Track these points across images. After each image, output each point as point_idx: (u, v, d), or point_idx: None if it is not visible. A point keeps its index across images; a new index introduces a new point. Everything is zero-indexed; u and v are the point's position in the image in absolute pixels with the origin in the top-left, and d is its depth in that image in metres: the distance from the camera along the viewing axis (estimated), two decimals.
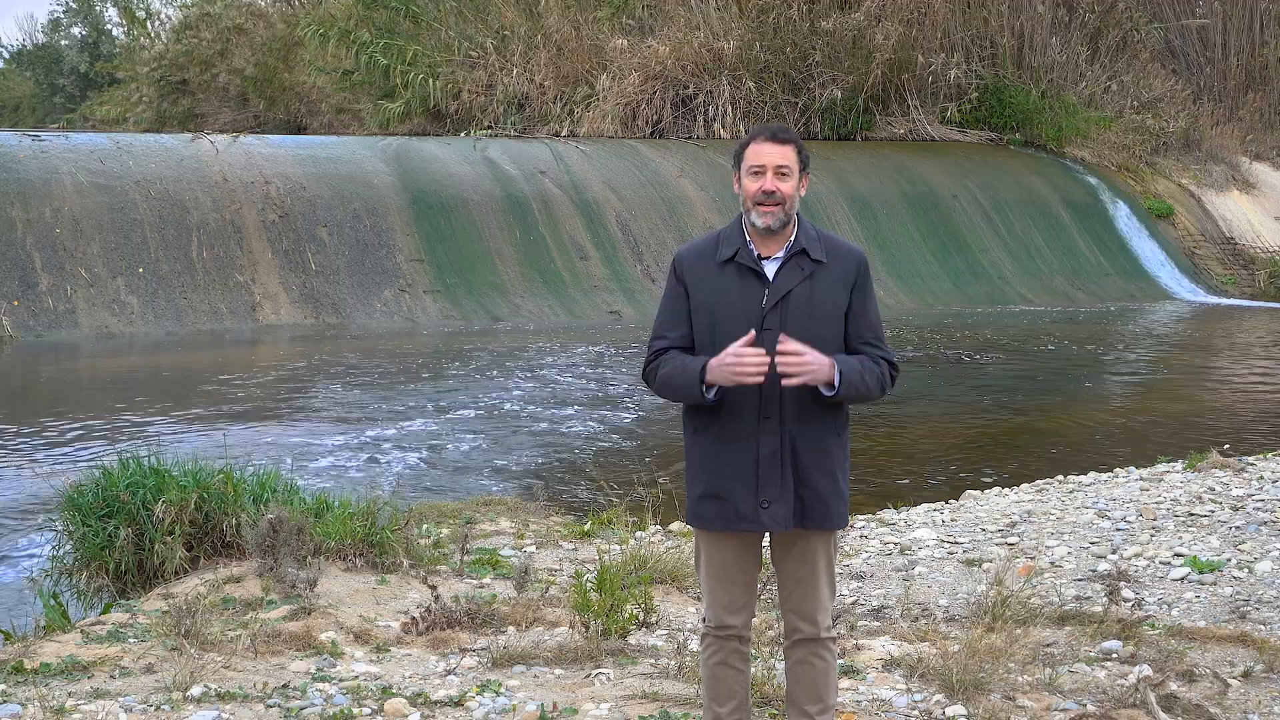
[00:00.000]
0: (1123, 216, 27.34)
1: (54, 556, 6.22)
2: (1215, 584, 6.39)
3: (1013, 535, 7.53)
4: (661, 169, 24.40)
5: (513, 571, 6.10)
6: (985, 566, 6.78)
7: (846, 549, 7.24)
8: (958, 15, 28.94)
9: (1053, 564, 6.87)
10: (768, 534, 3.81)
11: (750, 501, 3.68)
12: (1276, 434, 11.74)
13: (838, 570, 5.05)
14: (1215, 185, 29.21)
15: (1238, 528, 7.39)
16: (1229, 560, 6.74)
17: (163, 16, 47.78)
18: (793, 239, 3.75)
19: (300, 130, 37.10)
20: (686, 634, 5.32)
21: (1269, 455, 9.70)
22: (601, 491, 8.90)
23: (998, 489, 9.03)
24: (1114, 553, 7.03)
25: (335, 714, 4.42)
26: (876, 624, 5.72)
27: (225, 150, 21.20)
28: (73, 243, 18.54)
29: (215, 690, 4.56)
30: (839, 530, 3.87)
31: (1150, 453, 10.33)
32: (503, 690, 4.70)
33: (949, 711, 4.53)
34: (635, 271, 22.01)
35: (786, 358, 3.55)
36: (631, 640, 5.25)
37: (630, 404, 13.05)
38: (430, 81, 31.10)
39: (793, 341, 3.58)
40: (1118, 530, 7.52)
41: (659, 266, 21.66)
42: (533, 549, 7.10)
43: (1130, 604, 5.94)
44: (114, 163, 19.92)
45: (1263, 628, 5.67)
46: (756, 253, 3.74)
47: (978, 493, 8.90)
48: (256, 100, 40.82)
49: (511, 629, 5.43)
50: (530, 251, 21.57)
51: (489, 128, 29.64)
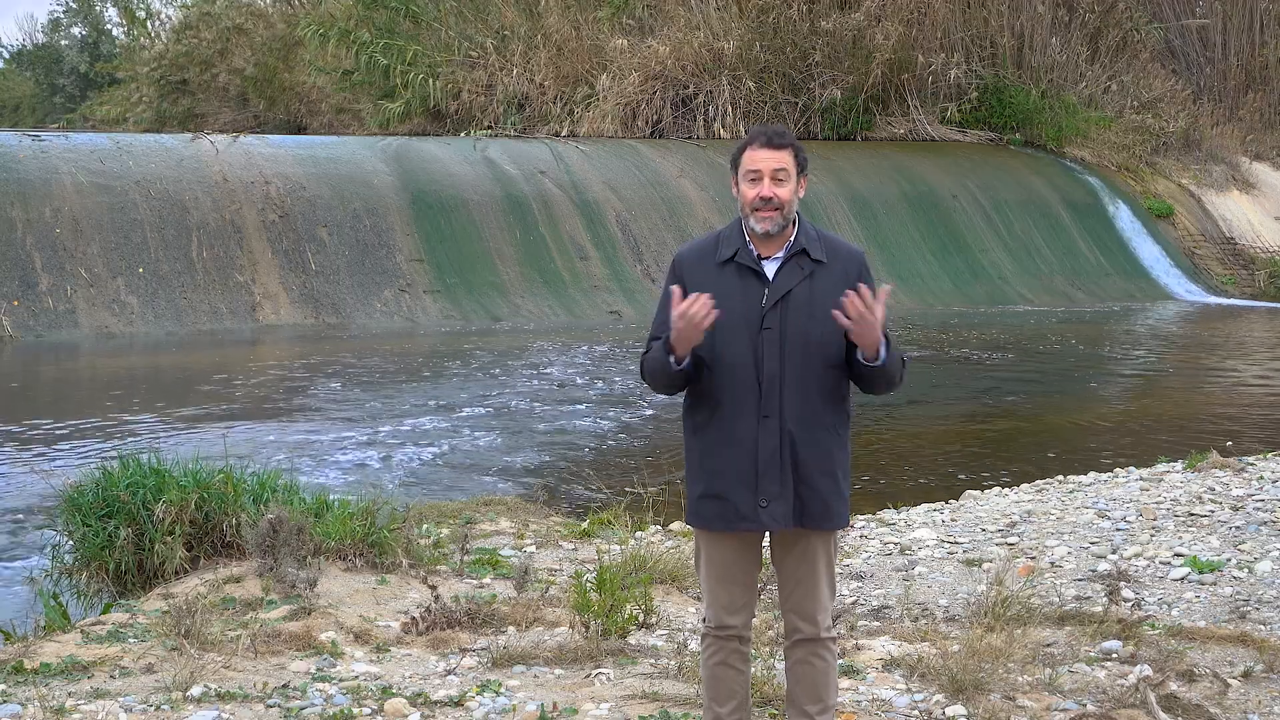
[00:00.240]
0: (1123, 216, 27.33)
1: (54, 556, 6.22)
2: (1215, 584, 6.39)
3: (1013, 535, 7.53)
4: (661, 169, 24.40)
5: (513, 571, 6.10)
6: (985, 566, 6.78)
7: (846, 549, 7.24)
8: (958, 15, 28.94)
9: (1053, 564, 6.87)
10: (768, 533, 3.82)
11: (750, 501, 3.68)
12: (1276, 434, 11.74)
13: (838, 570, 5.06)
14: (1215, 185, 29.20)
15: (1238, 528, 7.39)
16: (1229, 560, 6.74)
17: (163, 16, 47.82)
18: (792, 239, 3.75)
19: (300, 130, 37.08)
20: (686, 634, 5.32)
21: (1269, 455, 9.70)
22: (601, 491, 8.90)
23: (998, 489, 9.03)
24: (1114, 553, 7.03)
25: (335, 714, 4.42)
26: (876, 624, 5.72)
27: (225, 150, 21.19)
28: (73, 243, 18.54)
29: (215, 690, 4.56)
30: (839, 530, 3.88)
31: (1150, 453, 10.33)
32: (503, 690, 4.70)
33: (949, 711, 4.53)
34: (635, 271, 22.01)
35: (856, 303, 3.51)
36: (631, 640, 5.24)
37: (630, 404, 13.05)
38: (430, 81, 31.09)
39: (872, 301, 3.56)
40: (1118, 530, 7.52)
41: (659, 266, 21.65)
42: (533, 549, 7.10)
43: (1130, 604, 5.94)
44: (114, 163, 19.92)
45: (1263, 628, 5.67)
46: (756, 253, 3.74)
47: (978, 493, 8.90)
48: (256, 100, 40.81)
49: (511, 629, 5.43)
50: (530, 251, 21.57)
51: (489, 128, 29.63)
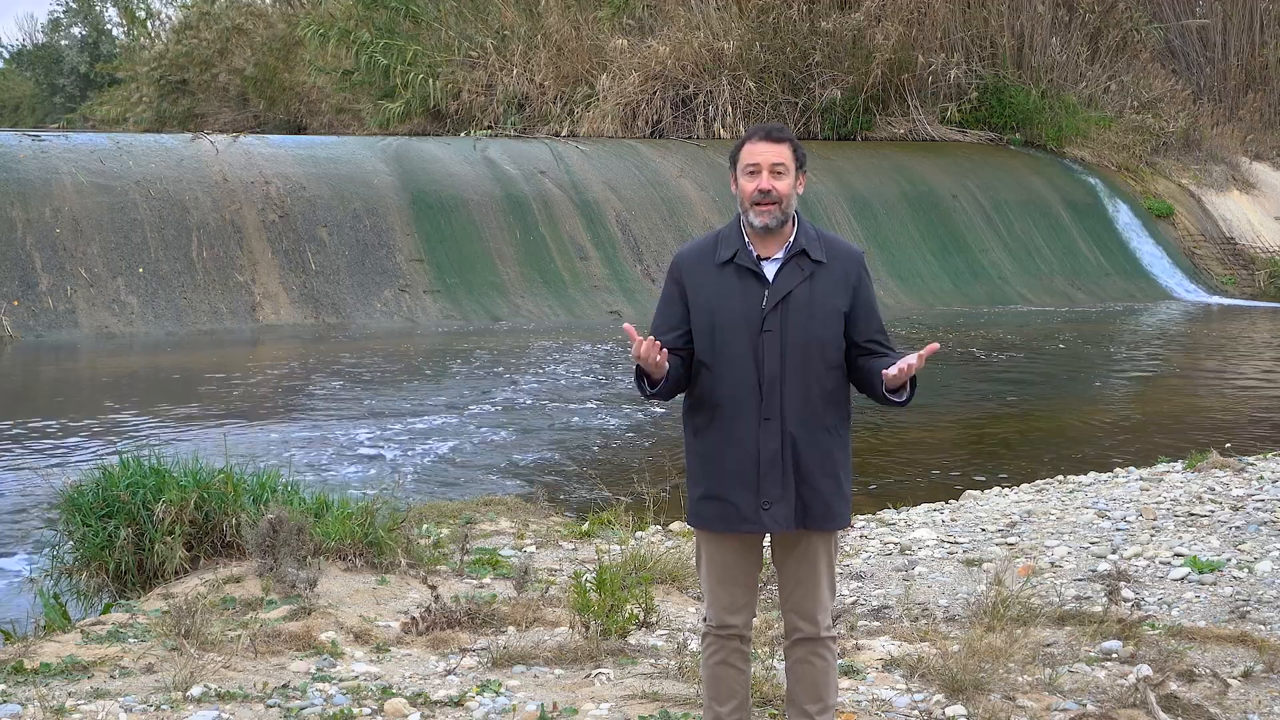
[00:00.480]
0: (1123, 216, 27.33)
1: (54, 556, 6.22)
2: (1215, 584, 6.39)
3: (1013, 535, 7.53)
4: (661, 169, 24.40)
5: (513, 571, 6.10)
6: (985, 566, 6.78)
7: (846, 549, 7.24)
8: (958, 15, 28.94)
9: (1053, 564, 6.87)
10: (768, 534, 3.82)
11: (751, 503, 3.68)
12: (1276, 434, 11.74)
13: (838, 570, 5.05)
14: (1215, 185, 29.21)
15: (1238, 528, 7.39)
16: (1229, 560, 6.74)
17: (163, 16, 47.83)
18: (792, 239, 3.75)
19: (300, 130, 37.09)
20: (686, 634, 5.32)
21: (1269, 455, 9.70)
22: (602, 491, 8.90)
23: (998, 489, 9.03)
24: (1114, 553, 7.03)
25: (335, 714, 4.42)
26: (876, 624, 5.72)
27: (225, 150, 21.20)
28: (73, 243, 18.54)
29: (215, 690, 4.56)
30: (840, 530, 3.88)
31: (1150, 453, 10.33)
32: (503, 690, 4.70)
33: (949, 711, 4.53)
34: (635, 271, 22.01)
35: (909, 362, 3.60)
36: (631, 640, 5.24)
37: (630, 404, 13.05)
38: (430, 81, 31.10)
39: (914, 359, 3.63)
40: (1118, 530, 7.52)
41: (659, 266, 21.65)
42: (533, 549, 7.10)
43: (1130, 604, 5.94)
44: (114, 163, 19.92)
45: (1263, 628, 5.67)
46: (756, 254, 3.74)
47: (978, 493, 8.90)
48: (256, 100, 40.81)
49: (511, 629, 5.42)
50: (530, 251, 21.57)
51: (489, 128, 29.64)
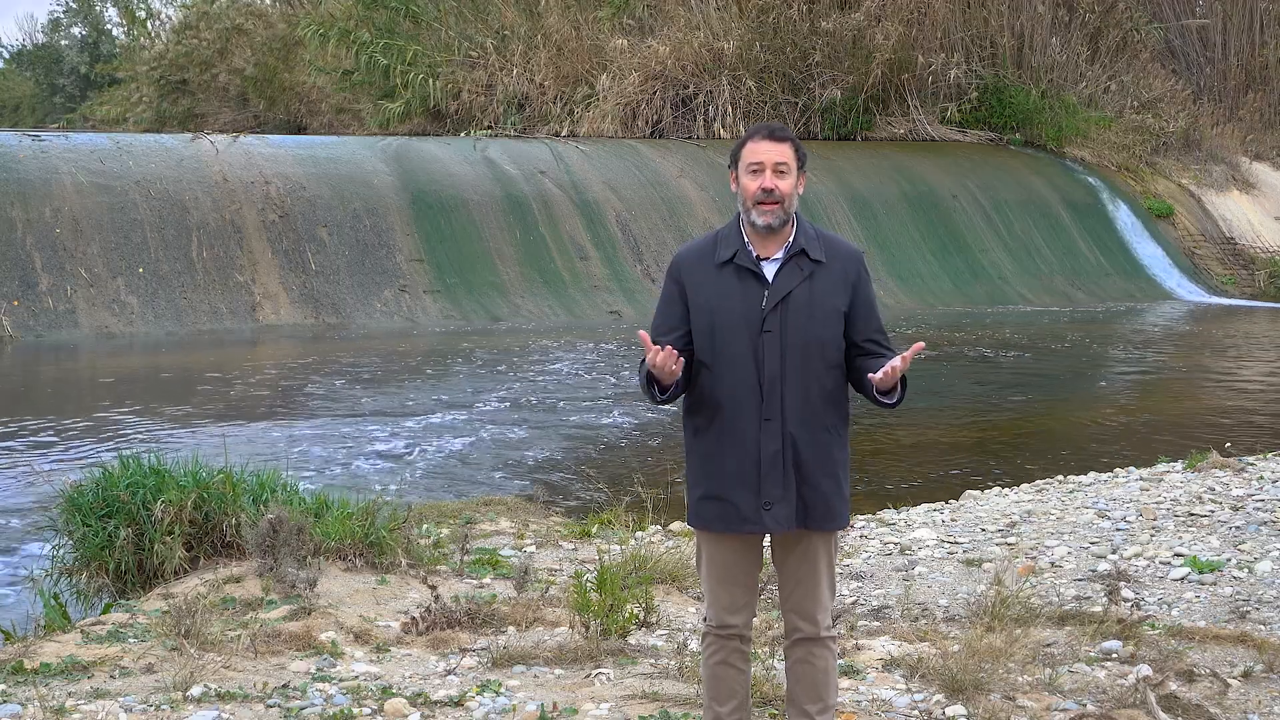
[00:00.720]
0: (1123, 216, 27.33)
1: (54, 556, 6.22)
2: (1215, 584, 6.39)
3: (1013, 535, 7.53)
4: (661, 169, 24.40)
5: (513, 571, 6.10)
6: (985, 566, 6.78)
7: (846, 549, 7.24)
8: (958, 15, 28.94)
9: (1053, 564, 6.87)
10: (769, 534, 3.82)
11: (752, 503, 3.68)
12: (1276, 434, 11.74)
13: (838, 570, 5.05)
14: (1215, 185, 29.21)
15: (1238, 528, 7.39)
16: (1229, 560, 6.74)
17: (163, 16, 47.83)
18: (791, 239, 3.75)
19: (300, 130, 37.09)
20: (686, 634, 5.32)
21: (1269, 455, 9.70)
22: (602, 491, 8.90)
23: (998, 489, 9.03)
24: (1114, 553, 7.03)
25: (335, 714, 4.42)
26: (876, 624, 5.72)
27: (225, 150, 21.20)
28: (73, 243, 18.54)
29: (215, 690, 4.56)
30: (840, 530, 3.88)
31: (1150, 453, 10.33)
32: (503, 690, 4.70)
33: (949, 711, 4.53)
34: (635, 271, 22.01)
35: (894, 364, 3.58)
36: (631, 640, 5.24)
37: (630, 404, 13.05)
38: (430, 81, 31.10)
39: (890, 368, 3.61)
40: (1118, 530, 7.52)
41: (659, 266, 21.64)
42: (533, 549, 7.10)
43: (1130, 604, 5.94)
44: (114, 163, 19.92)
45: (1263, 628, 5.67)
46: (755, 254, 3.74)
47: (978, 493, 8.90)
48: (256, 100, 40.81)
49: (511, 629, 5.43)
50: (530, 251, 21.57)
51: (489, 128, 29.64)
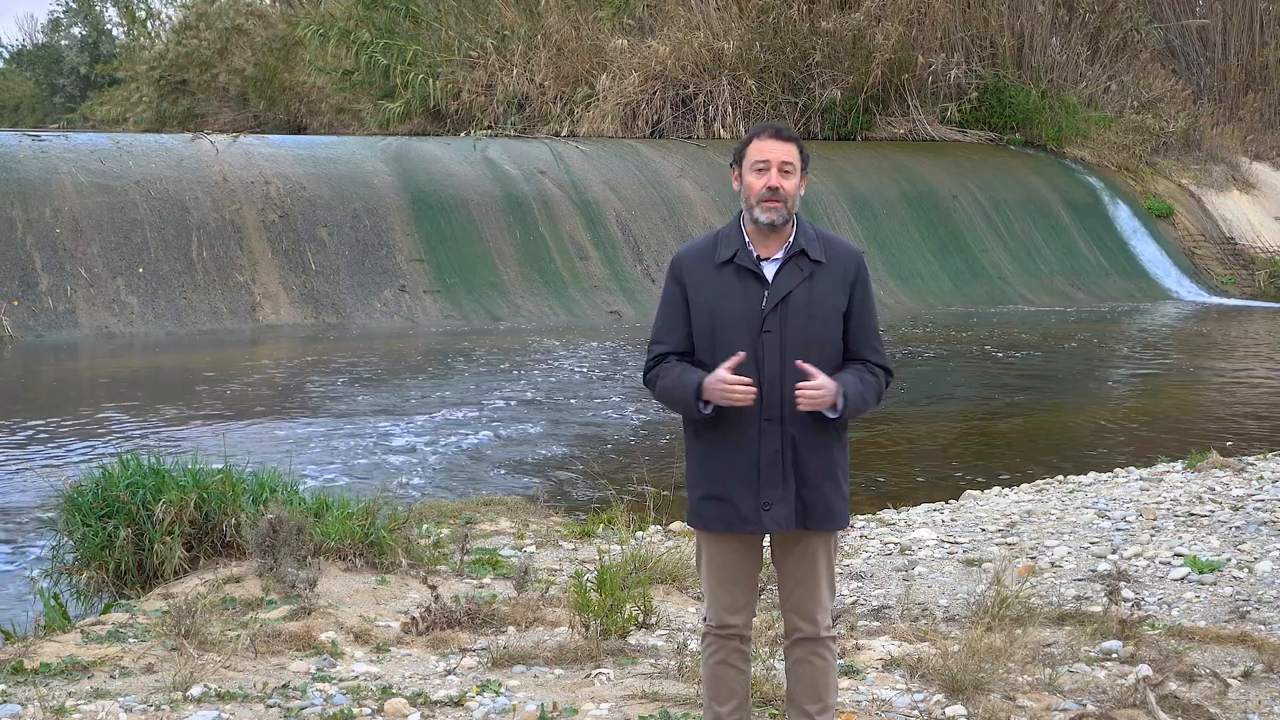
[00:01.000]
0: (1123, 216, 27.33)
1: (54, 556, 6.22)
2: (1215, 584, 6.39)
3: (1013, 535, 7.53)
4: (661, 169, 24.40)
5: (513, 571, 6.10)
6: (985, 566, 6.78)
7: (846, 549, 7.24)
8: (958, 15, 28.94)
9: (1053, 564, 6.87)
10: (768, 534, 3.82)
11: (752, 503, 3.68)
12: (1276, 434, 11.74)
13: (838, 570, 5.05)
14: (1215, 185, 29.20)
15: (1238, 528, 7.39)
16: (1229, 560, 6.74)
17: (163, 17, 47.83)
18: (791, 239, 3.75)
19: (300, 130, 37.09)
20: (686, 634, 5.32)
21: (1269, 455, 9.70)
22: (602, 491, 8.90)
23: (998, 489, 9.03)
24: (1114, 553, 7.03)
25: (335, 714, 4.42)
26: (876, 624, 5.72)
27: (225, 150, 21.19)
28: (73, 243, 18.54)
29: (215, 690, 4.56)
30: (839, 530, 3.88)
31: (1150, 453, 10.33)
32: (503, 690, 4.70)
33: (949, 711, 4.53)
34: (635, 271, 22.01)
35: (806, 392, 3.58)
36: (631, 640, 5.24)
37: (630, 404, 13.05)
38: (430, 81, 31.09)
39: (811, 368, 3.60)
40: (1118, 530, 7.52)
41: (659, 266, 21.65)
42: (533, 549, 7.10)
43: (1130, 604, 5.94)
44: (114, 163, 19.92)
45: (1263, 628, 5.67)
46: (755, 254, 3.74)
47: (978, 493, 8.90)
48: (256, 100, 40.82)
49: (511, 629, 5.43)
50: (530, 251, 21.56)
51: (489, 128, 29.64)
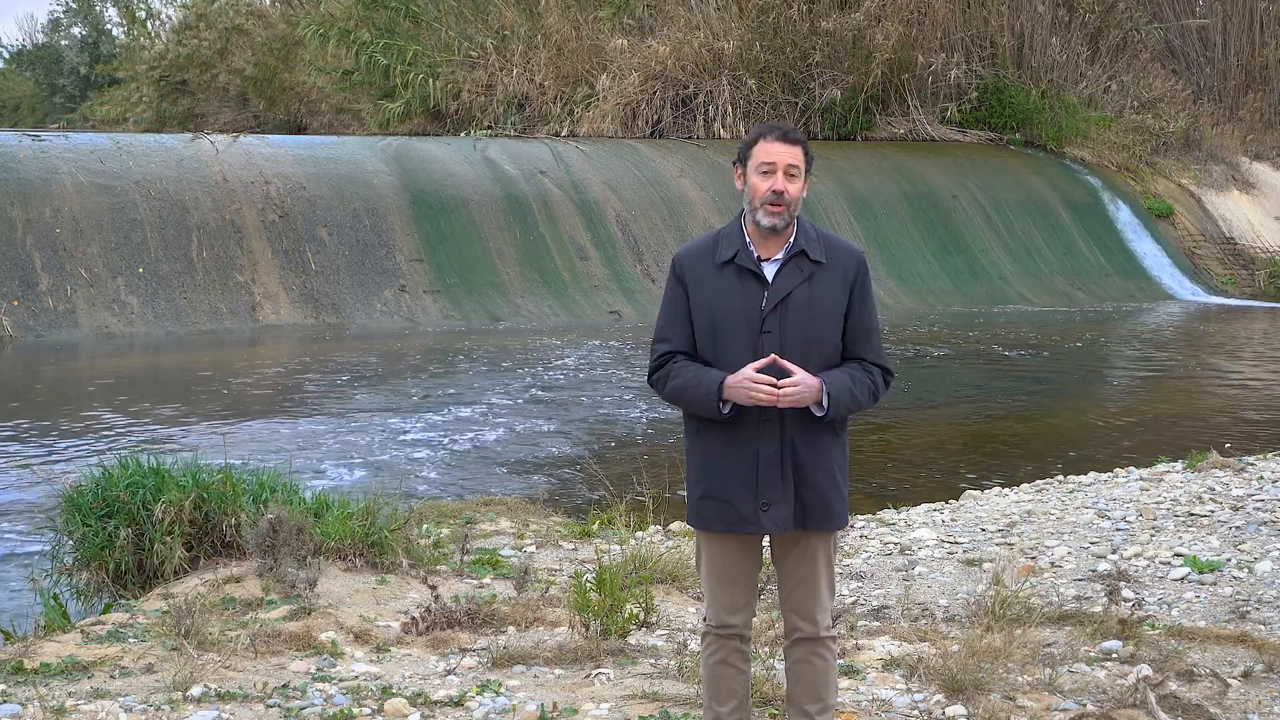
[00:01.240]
0: (1123, 216, 27.34)
1: (54, 556, 6.22)
2: (1215, 584, 6.39)
3: (1013, 535, 7.53)
4: (661, 169, 24.40)
5: (513, 571, 6.10)
6: (985, 566, 6.78)
7: (846, 549, 7.24)
8: (958, 15, 28.95)
9: (1053, 564, 6.87)
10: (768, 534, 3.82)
11: (751, 503, 3.68)
12: (1276, 434, 11.74)
13: (838, 570, 5.05)
14: (1215, 185, 29.21)
15: (1238, 528, 7.39)
16: (1229, 560, 6.74)
17: (163, 17, 47.84)
18: (792, 240, 3.75)
19: (300, 130, 37.10)
20: (686, 634, 5.32)
21: (1269, 455, 9.70)
22: (602, 491, 8.90)
23: (998, 489, 9.03)
24: (1114, 553, 7.03)
25: (335, 714, 4.42)
26: (876, 624, 5.72)
27: (225, 150, 21.20)
28: (73, 243, 18.54)
29: (215, 690, 4.56)
30: (839, 531, 3.88)
31: (1150, 453, 10.34)
32: (503, 690, 4.70)
33: (949, 711, 4.53)
34: (635, 271, 22.01)
35: (785, 390, 3.57)
36: (631, 640, 5.24)
37: (631, 404, 13.05)
38: (430, 81, 31.10)
39: (789, 365, 3.60)
40: (1118, 530, 7.52)
41: (659, 266, 21.66)
42: (533, 549, 7.10)
43: (1130, 604, 5.94)
44: (114, 163, 19.92)
45: (1263, 628, 5.67)
46: (756, 254, 3.74)
47: (978, 493, 8.90)
48: (256, 100, 40.83)
49: (511, 629, 5.43)
50: (530, 251, 21.57)
51: (489, 128, 29.64)
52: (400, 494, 8.07)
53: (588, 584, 5.31)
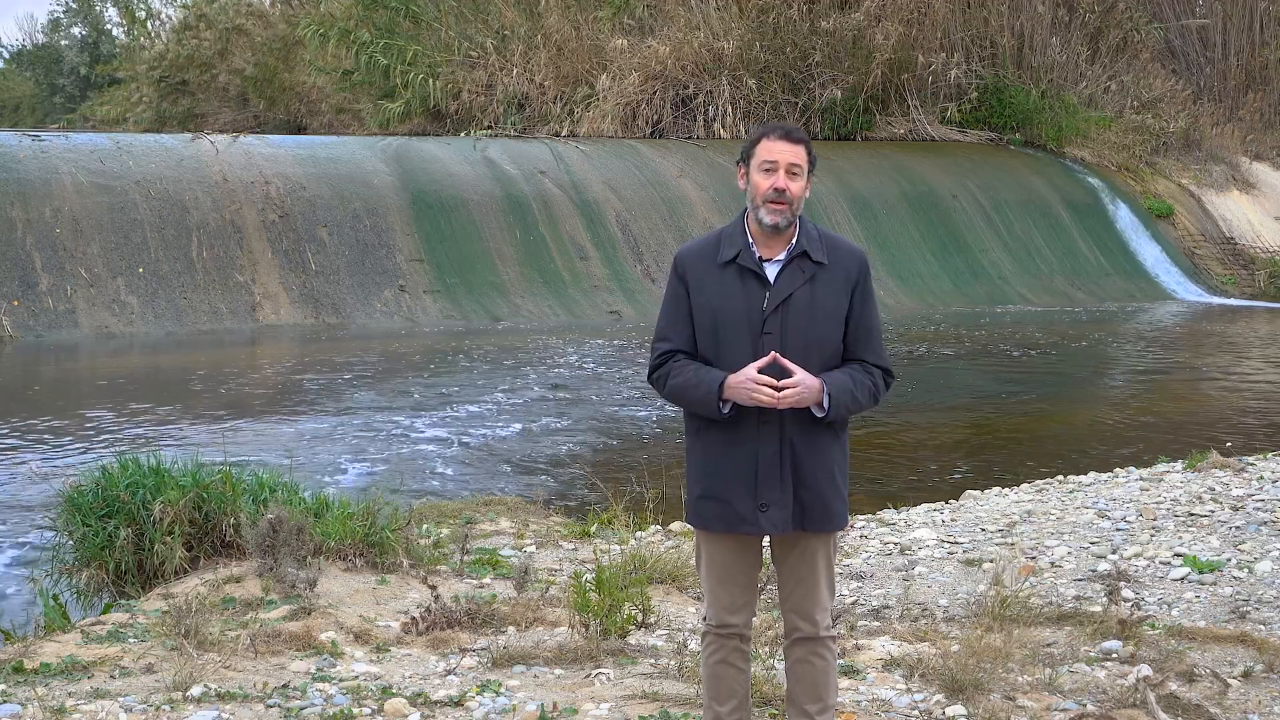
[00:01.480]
0: (1123, 217, 27.34)
1: (54, 556, 6.22)
2: (1215, 584, 6.39)
3: (1013, 535, 7.53)
4: (661, 169, 24.40)
5: (513, 571, 6.10)
6: (985, 566, 6.78)
7: (846, 549, 7.24)
8: (958, 15, 28.94)
9: (1053, 564, 6.87)
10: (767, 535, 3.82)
11: (749, 504, 3.68)
12: (1276, 434, 11.74)
13: (838, 570, 5.05)
14: (1215, 185, 29.21)
15: (1238, 528, 7.39)
16: (1229, 560, 6.74)
17: (163, 17, 47.85)
18: (794, 240, 3.75)
19: (300, 130, 37.10)
20: (686, 634, 5.32)
21: (1269, 455, 9.70)
22: (602, 491, 8.90)
23: (998, 489, 9.03)
24: (1114, 553, 7.03)
25: (335, 714, 4.42)
26: (876, 624, 5.72)
27: (225, 150, 21.19)
28: (73, 243, 18.53)
29: (215, 690, 4.56)
30: (838, 531, 3.88)
31: (1150, 453, 10.33)
32: (503, 690, 4.70)
33: (949, 711, 4.53)
34: (635, 271, 22.00)
35: (785, 390, 3.56)
36: (631, 640, 5.25)
37: (630, 404, 13.05)
38: (430, 81, 31.10)
39: (790, 364, 3.59)
40: (1118, 530, 7.52)
41: (659, 266, 21.65)
42: (533, 549, 7.10)
43: (1130, 604, 5.94)
44: (114, 163, 19.92)
45: (1263, 628, 5.67)
46: (758, 254, 3.73)
47: (978, 493, 8.90)
48: (256, 100, 40.83)
49: (511, 629, 5.43)
50: (530, 251, 21.56)
51: (489, 128, 29.64)
52: (400, 493, 8.07)
53: (587, 584, 5.31)
